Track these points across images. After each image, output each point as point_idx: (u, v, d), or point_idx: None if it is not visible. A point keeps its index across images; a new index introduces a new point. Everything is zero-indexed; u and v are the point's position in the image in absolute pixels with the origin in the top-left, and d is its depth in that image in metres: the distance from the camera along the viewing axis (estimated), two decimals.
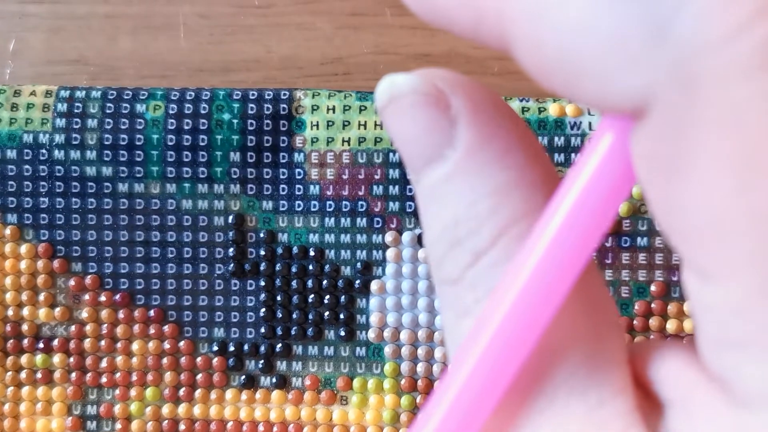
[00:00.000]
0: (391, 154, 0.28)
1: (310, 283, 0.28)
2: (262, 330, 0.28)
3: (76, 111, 0.28)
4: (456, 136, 0.13)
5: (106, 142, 0.28)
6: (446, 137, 0.13)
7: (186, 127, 0.28)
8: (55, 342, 0.28)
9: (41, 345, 0.28)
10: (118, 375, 0.28)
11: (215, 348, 0.28)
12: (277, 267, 0.28)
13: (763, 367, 0.10)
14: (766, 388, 0.10)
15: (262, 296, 0.28)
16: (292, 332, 0.28)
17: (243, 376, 0.28)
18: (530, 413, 0.12)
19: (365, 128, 0.28)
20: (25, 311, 0.28)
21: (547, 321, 0.12)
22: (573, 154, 0.28)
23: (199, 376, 0.28)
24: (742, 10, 0.09)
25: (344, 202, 0.28)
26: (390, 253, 0.28)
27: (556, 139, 0.28)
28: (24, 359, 0.28)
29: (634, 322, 0.28)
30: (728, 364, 0.11)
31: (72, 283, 0.28)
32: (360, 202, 0.28)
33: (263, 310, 0.28)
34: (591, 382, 0.12)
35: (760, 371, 0.10)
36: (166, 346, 0.28)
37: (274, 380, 0.28)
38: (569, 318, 0.12)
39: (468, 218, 0.12)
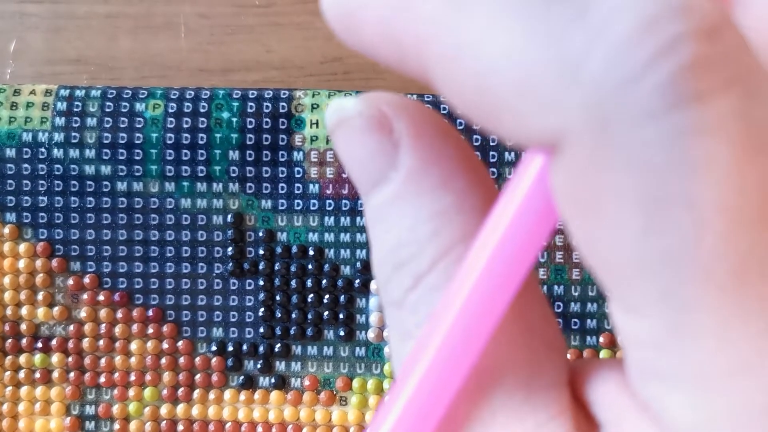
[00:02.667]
0: None
1: (309, 282, 0.28)
2: (261, 330, 0.28)
3: (75, 110, 0.28)
4: (399, 159, 0.13)
5: (105, 141, 0.28)
6: (390, 160, 0.13)
7: (185, 126, 0.28)
8: (54, 341, 0.28)
9: (39, 344, 0.28)
10: (116, 375, 0.28)
11: (214, 348, 0.28)
12: (276, 266, 0.28)
13: (685, 398, 0.10)
14: (687, 417, 0.10)
15: (261, 296, 0.28)
16: (291, 332, 0.28)
17: (242, 377, 0.28)
18: None
19: None
20: (24, 310, 0.28)
21: (484, 343, 0.12)
22: None
23: (198, 376, 0.28)
24: (645, 50, 0.09)
25: (344, 201, 0.28)
26: None
27: None
28: (22, 359, 0.28)
29: None
30: (653, 394, 0.11)
31: (70, 282, 0.28)
32: (359, 201, 0.28)
33: (262, 309, 0.28)
34: (528, 406, 0.12)
35: (682, 401, 0.10)
36: (165, 345, 0.28)
37: (272, 380, 0.28)
38: (506, 342, 0.12)
39: (409, 241, 0.13)
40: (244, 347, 0.28)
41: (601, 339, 0.28)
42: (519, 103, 0.10)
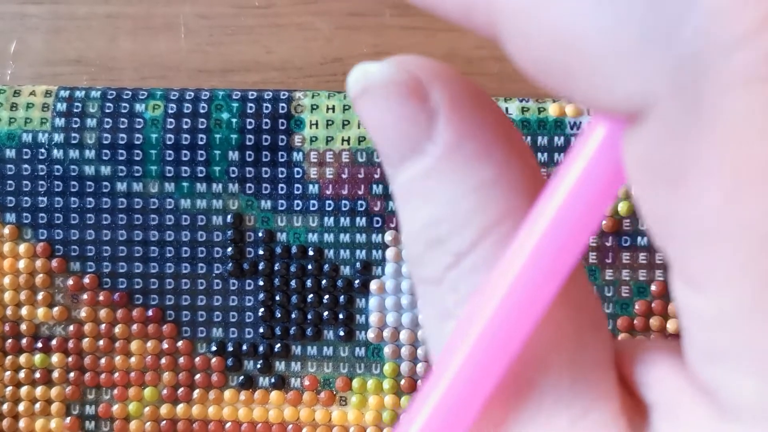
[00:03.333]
0: None
1: (309, 282, 0.28)
2: (261, 330, 0.28)
3: (75, 110, 0.28)
4: (436, 130, 0.12)
5: (105, 142, 0.28)
6: (425, 131, 0.12)
7: (185, 127, 0.28)
8: (54, 342, 0.28)
9: (39, 345, 0.28)
10: (116, 375, 0.28)
11: (213, 348, 0.28)
12: (276, 266, 0.28)
13: (751, 380, 0.10)
14: (752, 401, 0.10)
15: (261, 296, 0.28)
16: (291, 332, 0.28)
17: (241, 377, 0.28)
18: (516, 422, 0.12)
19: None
20: (24, 311, 0.28)
21: (533, 325, 0.11)
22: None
23: (198, 376, 0.28)
24: (751, 16, 0.09)
25: (343, 202, 0.28)
26: (389, 253, 0.28)
27: (555, 138, 0.28)
28: (22, 359, 0.28)
29: (635, 321, 0.28)
30: (715, 375, 0.10)
31: (70, 282, 0.28)
32: (359, 202, 0.28)
33: (262, 309, 0.28)
34: (576, 389, 0.11)
35: (747, 384, 0.10)
36: (165, 345, 0.28)
37: (272, 380, 0.28)
38: (554, 324, 0.12)
39: (449, 217, 0.12)
40: (244, 347, 0.28)
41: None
42: (601, 65, 0.10)
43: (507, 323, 0.11)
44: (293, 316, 0.28)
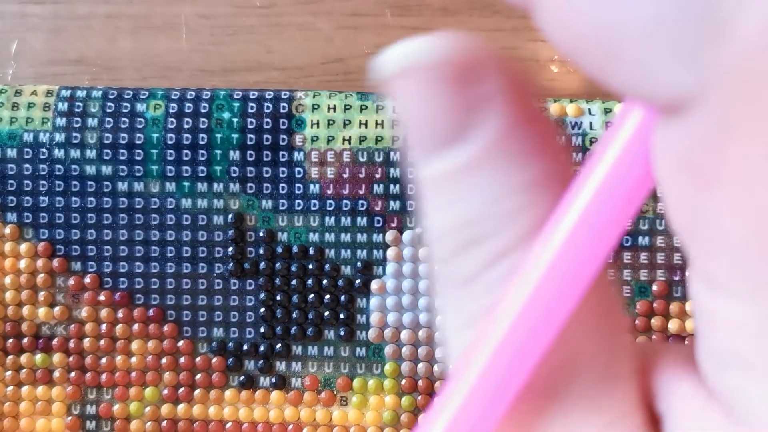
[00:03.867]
0: (392, 153, 0.28)
1: (309, 282, 0.28)
2: (262, 330, 0.28)
3: (76, 110, 0.28)
4: (486, 119, 0.11)
5: (106, 141, 0.28)
6: (475, 118, 0.11)
7: (186, 126, 0.28)
8: (55, 341, 0.28)
9: (41, 344, 0.28)
10: (117, 375, 0.28)
11: (214, 348, 0.28)
12: (277, 266, 0.28)
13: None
14: None
15: (262, 296, 0.28)
16: (292, 332, 0.28)
17: (242, 376, 0.28)
18: (544, 430, 0.11)
19: (366, 127, 0.28)
20: (25, 310, 0.28)
21: (558, 327, 0.11)
22: (574, 154, 0.28)
23: (199, 376, 0.28)
24: None
25: (344, 201, 0.28)
26: (390, 253, 0.28)
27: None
28: (23, 358, 0.28)
29: (636, 321, 0.28)
30: (730, 382, 0.10)
31: (71, 282, 0.28)
32: (360, 201, 0.28)
33: (262, 309, 0.28)
34: (607, 397, 0.11)
35: (764, 392, 0.09)
36: (166, 345, 0.28)
37: (273, 380, 0.28)
38: (584, 330, 0.11)
39: (488, 217, 0.11)
40: (245, 347, 0.28)
41: None
42: (648, 51, 0.09)
43: (535, 319, 0.11)
44: (294, 315, 0.28)
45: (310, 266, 0.28)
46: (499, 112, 0.11)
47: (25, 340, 0.28)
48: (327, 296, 0.28)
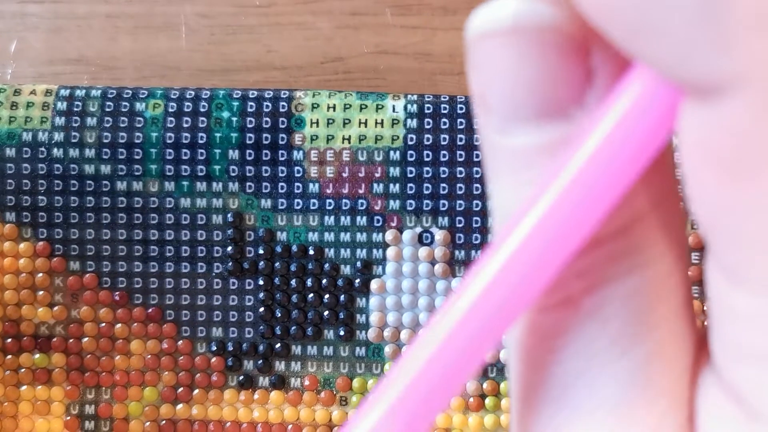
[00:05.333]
0: (392, 152, 0.28)
1: (309, 282, 0.28)
2: (261, 329, 0.28)
3: (75, 109, 0.28)
4: (591, 95, 0.10)
5: (105, 140, 0.28)
6: (577, 93, 0.10)
7: (185, 125, 0.28)
8: (53, 341, 0.28)
9: (39, 344, 0.28)
10: (116, 374, 0.28)
11: (213, 347, 0.28)
12: (276, 266, 0.28)
13: None
14: None
15: (261, 295, 0.28)
16: (291, 332, 0.28)
17: (241, 376, 0.28)
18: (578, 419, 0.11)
19: (366, 126, 0.28)
20: (23, 310, 0.28)
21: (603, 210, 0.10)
22: None
23: (197, 376, 0.28)
24: None
25: (344, 201, 0.28)
26: (390, 252, 0.28)
27: None
28: (22, 358, 0.28)
29: None
30: (746, 376, 0.10)
31: (70, 281, 0.28)
32: (360, 201, 0.28)
33: (262, 309, 0.28)
34: (686, 394, 0.11)
35: None
36: (164, 345, 0.28)
37: (272, 380, 0.28)
38: (681, 325, 0.11)
39: None
40: (244, 347, 0.28)
41: None
42: (688, 29, 0.08)
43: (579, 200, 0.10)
44: (293, 315, 0.28)
45: (310, 266, 0.28)
46: (605, 90, 0.10)
47: (24, 340, 0.28)
48: (326, 296, 0.28)
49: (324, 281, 0.28)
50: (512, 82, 0.10)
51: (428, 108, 0.28)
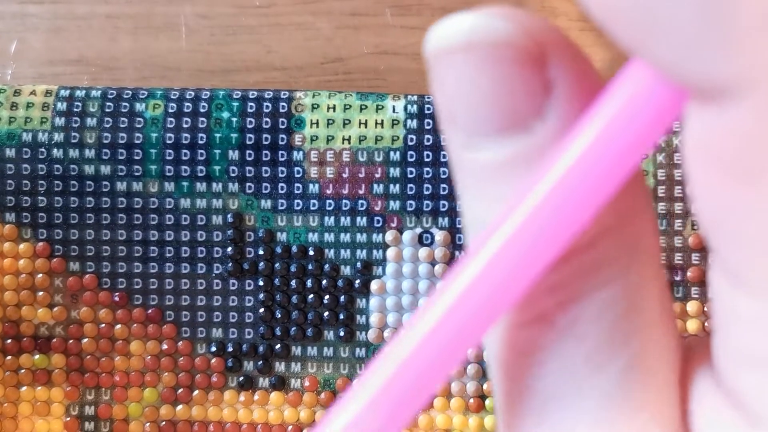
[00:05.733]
0: (392, 153, 0.28)
1: (309, 282, 0.28)
2: (261, 330, 0.28)
3: (75, 110, 0.28)
4: (550, 107, 0.10)
5: (105, 141, 0.28)
6: (536, 105, 0.10)
7: (185, 126, 0.28)
8: (53, 342, 0.28)
9: (39, 345, 0.28)
10: (115, 375, 0.28)
11: (213, 348, 0.28)
12: (276, 266, 0.28)
13: None
14: None
15: (261, 296, 0.28)
16: (291, 333, 0.28)
17: (241, 377, 0.28)
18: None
19: (366, 126, 0.28)
20: (23, 311, 0.28)
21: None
22: None
23: (197, 377, 0.28)
24: None
25: (344, 201, 0.28)
26: (390, 253, 0.28)
27: None
28: (21, 359, 0.28)
29: None
30: (749, 382, 0.10)
31: (70, 282, 0.28)
32: (360, 201, 0.28)
33: (262, 310, 0.28)
34: (672, 406, 0.10)
35: None
36: (164, 346, 0.28)
37: (272, 381, 0.28)
38: (659, 335, 0.11)
39: None
40: (244, 348, 0.28)
41: None
42: (694, 30, 0.08)
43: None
44: (293, 316, 0.28)
45: (310, 266, 0.28)
46: (564, 99, 0.10)
47: (24, 341, 0.28)
48: (326, 297, 0.28)
49: (324, 282, 0.28)
50: (472, 98, 0.10)
51: (428, 108, 0.28)
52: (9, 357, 0.28)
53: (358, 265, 0.28)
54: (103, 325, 0.28)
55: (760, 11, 0.08)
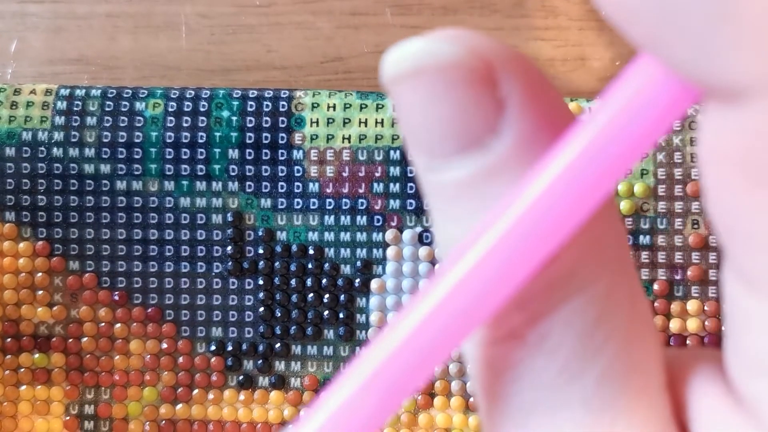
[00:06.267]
0: (392, 152, 0.28)
1: (309, 281, 0.28)
2: (261, 329, 0.28)
3: (75, 109, 0.28)
4: (504, 124, 0.10)
5: (105, 140, 0.28)
6: (490, 124, 0.10)
7: (185, 125, 0.28)
8: (53, 341, 0.28)
9: (39, 344, 0.28)
10: (115, 374, 0.28)
11: (213, 347, 0.28)
12: (276, 265, 0.28)
13: None
14: None
15: (261, 295, 0.28)
16: (291, 331, 0.28)
17: (241, 376, 0.28)
18: None
19: (366, 125, 0.28)
20: (23, 310, 0.28)
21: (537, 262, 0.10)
22: None
23: (197, 376, 0.28)
24: None
25: (344, 200, 0.28)
26: (390, 252, 0.28)
27: None
28: (21, 358, 0.28)
29: None
30: (760, 387, 0.09)
31: (69, 281, 0.28)
32: (360, 200, 0.28)
33: (261, 309, 0.28)
34: (650, 412, 0.10)
35: None
36: (164, 345, 0.28)
37: (272, 380, 0.28)
38: (629, 343, 0.11)
39: None
40: (244, 347, 0.28)
41: None
42: (712, 30, 0.08)
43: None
44: (293, 315, 0.28)
45: (310, 265, 0.28)
46: (517, 117, 0.10)
47: (23, 340, 0.28)
48: (326, 295, 0.28)
49: (324, 281, 0.28)
50: (427, 122, 0.10)
51: None
52: (8, 356, 0.28)
53: (358, 263, 0.28)
54: (103, 324, 0.28)
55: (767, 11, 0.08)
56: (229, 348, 0.28)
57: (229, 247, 0.28)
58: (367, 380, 0.10)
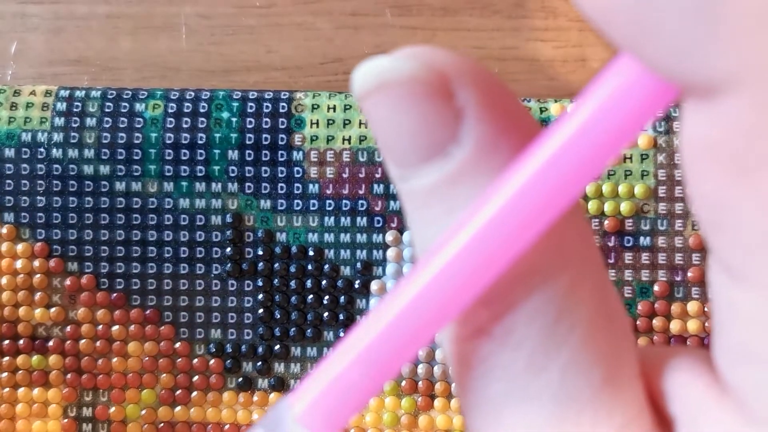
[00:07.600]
0: None
1: (308, 283, 0.28)
2: (260, 331, 0.28)
3: (75, 110, 0.28)
4: (463, 131, 0.11)
5: (105, 141, 0.28)
6: (450, 132, 0.11)
7: (184, 126, 0.28)
8: (51, 343, 0.28)
9: (37, 346, 0.28)
10: (113, 377, 0.28)
11: (212, 349, 0.28)
12: (275, 267, 0.28)
13: None
14: None
15: (260, 297, 0.28)
16: (291, 333, 0.28)
17: (240, 378, 0.28)
18: None
19: (366, 127, 0.28)
20: (21, 311, 0.28)
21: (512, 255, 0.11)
22: None
23: (196, 378, 0.28)
24: None
25: (344, 201, 0.28)
26: (390, 253, 0.28)
27: None
28: (19, 360, 0.28)
29: (638, 322, 0.28)
30: (747, 378, 0.10)
31: (68, 282, 0.28)
32: (360, 201, 0.28)
33: (261, 310, 0.28)
34: (616, 402, 0.11)
35: None
36: (162, 347, 0.28)
37: (271, 382, 0.28)
38: (592, 335, 0.11)
39: None
40: (243, 348, 0.28)
41: None
42: (685, 28, 0.08)
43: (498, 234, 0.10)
44: (293, 317, 0.28)
45: (309, 267, 0.28)
46: (475, 124, 0.11)
47: (21, 342, 0.28)
48: (326, 297, 0.28)
49: (324, 282, 0.28)
50: (394, 134, 0.11)
51: None
52: (6, 358, 0.28)
53: (358, 265, 0.28)
54: (101, 325, 0.28)
55: (747, 8, 0.08)
56: (228, 350, 0.28)
57: (228, 249, 0.28)
58: (350, 359, 0.11)
